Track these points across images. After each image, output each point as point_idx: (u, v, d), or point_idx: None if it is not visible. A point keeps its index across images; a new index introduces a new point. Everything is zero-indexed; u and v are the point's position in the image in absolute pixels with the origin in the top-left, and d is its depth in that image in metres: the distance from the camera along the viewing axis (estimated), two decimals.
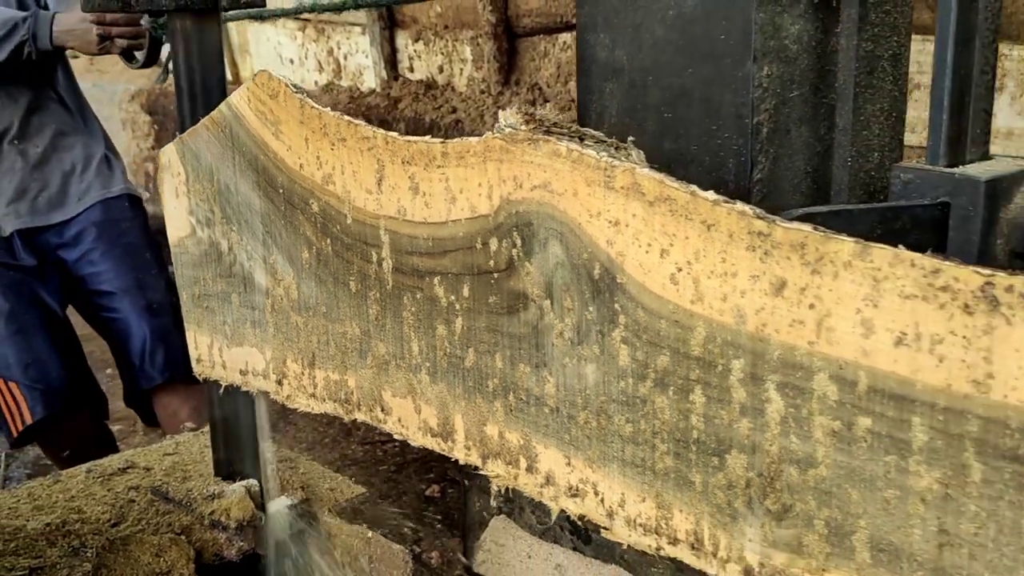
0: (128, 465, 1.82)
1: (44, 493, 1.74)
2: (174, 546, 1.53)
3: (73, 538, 1.56)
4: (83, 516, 1.64)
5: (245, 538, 1.58)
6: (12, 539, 1.53)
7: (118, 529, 1.58)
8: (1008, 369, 0.71)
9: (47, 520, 1.62)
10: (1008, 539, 0.74)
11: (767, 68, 1.11)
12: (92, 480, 1.77)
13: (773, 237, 0.81)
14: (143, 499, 1.67)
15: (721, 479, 0.89)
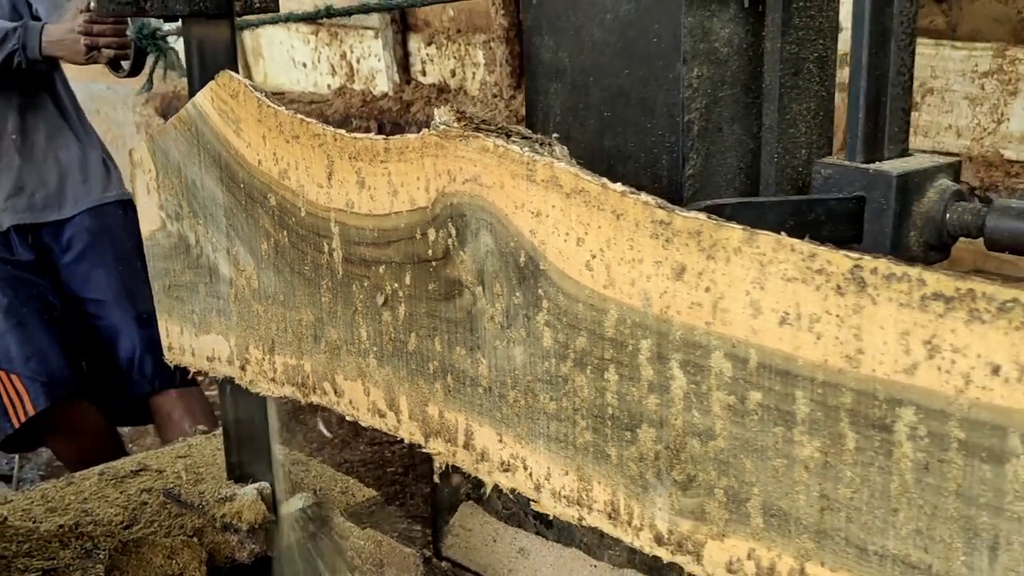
0: (141, 467, 1.84)
1: (57, 495, 1.76)
2: (186, 548, 1.55)
3: (86, 540, 1.58)
4: (96, 518, 1.66)
5: (257, 541, 1.59)
6: (26, 540, 1.56)
7: (130, 531, 1.61)
8: (875, 345, 0.78)
9: (60, 522, 1.65)
10: (879, 502, 0.80)
11: (697, 69, 1.18)
12: (105, 482, 1.79)
13: (673, 225, 0.88)
14: (155, 501, 1.69)
15: (633, 452, 0.96)
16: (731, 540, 0.91)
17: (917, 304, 0.75)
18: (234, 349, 1.41)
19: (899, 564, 0.81)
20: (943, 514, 0.77)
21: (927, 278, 0.74)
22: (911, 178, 1.12)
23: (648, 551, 0.98)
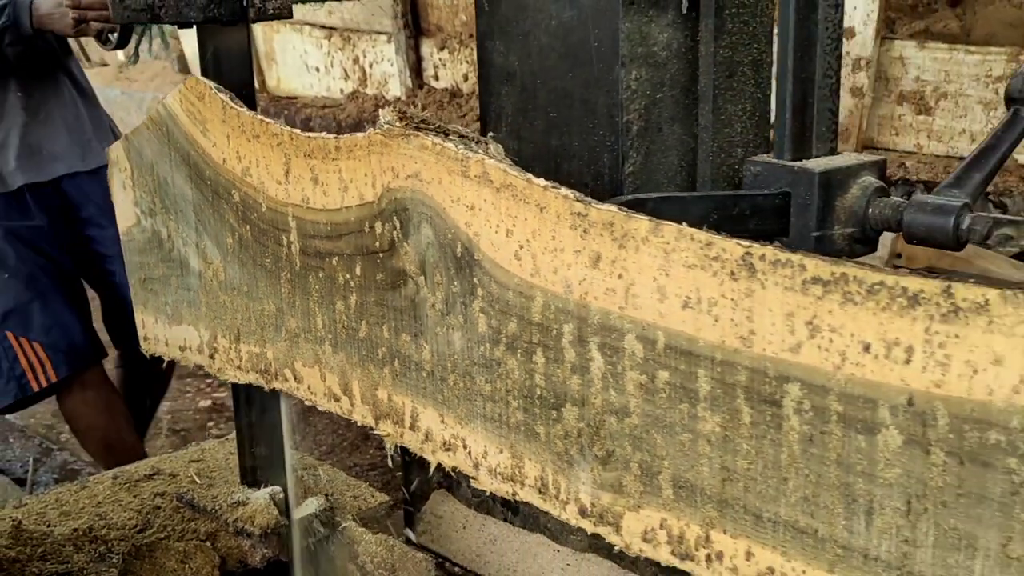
0: (154, 471, 1.85)
1: (71, 499, 1.76)
2: (199, 552, 1.56)
3: (99, 544, 1.58)
4: (109, 522, 1.66)
5: (269, 545, 1.59)
6: (40, 544, 1.56)
7: (144, 535, 1.61)
8: (764, 326, 0.84)
9: (74, 526, 1.65)
10: (771, 473, 0.87)
11: (635, 72, 1.24)
12: (118, 486, 1.79)
13: (590, 217, 0.94)
14: (169, 505, 1.69)
15: (559, 430, 1.02)
16: (646, 511, 0.97)
17: (799, 288, 0.81)
18: (203, 338, 1.48)
19: (790, 529, 0.87)
20: (826, 482, 0.84)
21: (807, 263, 0.80)
22: (834, 175, 1.18)
23: (574, 523, 1.04)
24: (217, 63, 1.42)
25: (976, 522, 0.76)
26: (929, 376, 0.75)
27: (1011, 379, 0.72)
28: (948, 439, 0.76)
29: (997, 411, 0.73)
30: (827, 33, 1.20)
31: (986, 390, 0.73)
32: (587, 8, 1.23)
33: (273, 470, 1.62)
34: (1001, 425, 0.73)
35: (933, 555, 0.79)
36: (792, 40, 1.17)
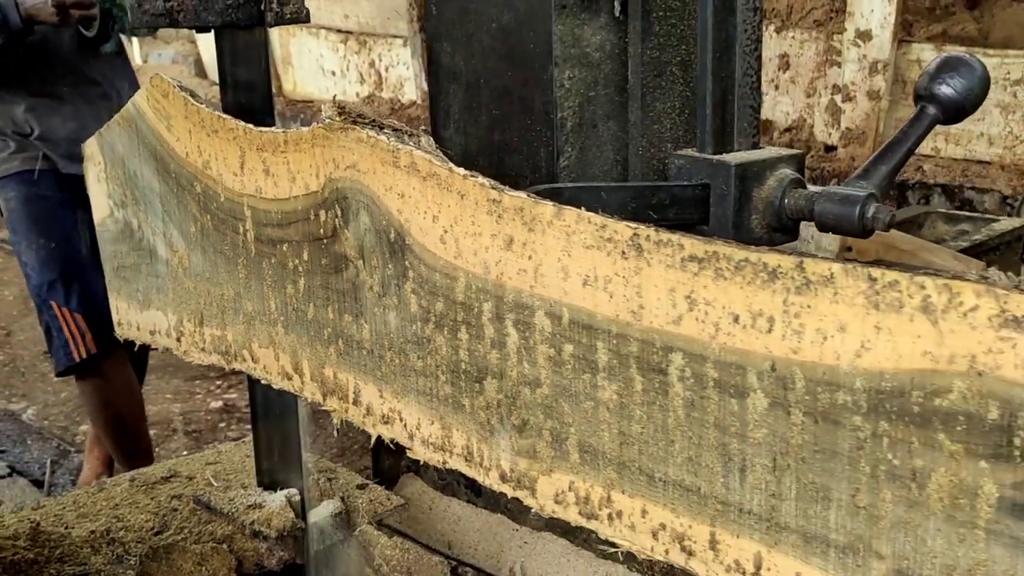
0: (171, 474, 1.87)
1: (89, 501, 1.79)
2: (216, 555, 1.57)
3: (117, 546, 1.60)
4: (126, 524, 1.68)
5: (285, 548, 1.61)
6: (57, 546, 1.58)
7: (161, 537, 1.62)
8: (651, 301, 0.92)
9: (91, 528, 1.67)
10: (660, 435, 0.95)
11: (568, 72, 1.32)
12: (136, 488, 1.81)
13: (503, 203, 1.03)
14: (185, 508, 1.71)
15: (481, 401, 1.11)
16: (556, 475, 1.06)
17: (679, 265, 0.89)
18: (171, 322, 1.56)
19: (678, 488, 0.95)
20: (706, 443, 0.92)
21: (685, 243, 0.89)
22: (750, 167, 1.26)
23: (496, 489, 1.12)
24: (235, 67, 1.44)
25: (830, 475, 0.84)
26: (787, 343, 0.84)
27: (854, 344, 0.80)
28: (805, 401, 0.84)
29: (843, 374, 0.81)
30: (746, 35, 1.28)
31: (834, 355, 0.81)
32: (523, 12, 1.32)
33: (289, 473, 1.63)
34: (847, 387, 0.81)
35: (796, 507, 0.87)
36: (710, 42, 1.25)
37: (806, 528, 0.86)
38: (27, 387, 4.51)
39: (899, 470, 0.79)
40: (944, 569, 0.79)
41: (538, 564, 1.81)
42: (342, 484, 1.74)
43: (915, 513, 0.79)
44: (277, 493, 1.63)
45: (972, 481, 0.75)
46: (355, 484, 1.75)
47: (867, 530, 0.82)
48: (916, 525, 0.79)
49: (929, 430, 0.77)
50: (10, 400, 4.34)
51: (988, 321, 0.72)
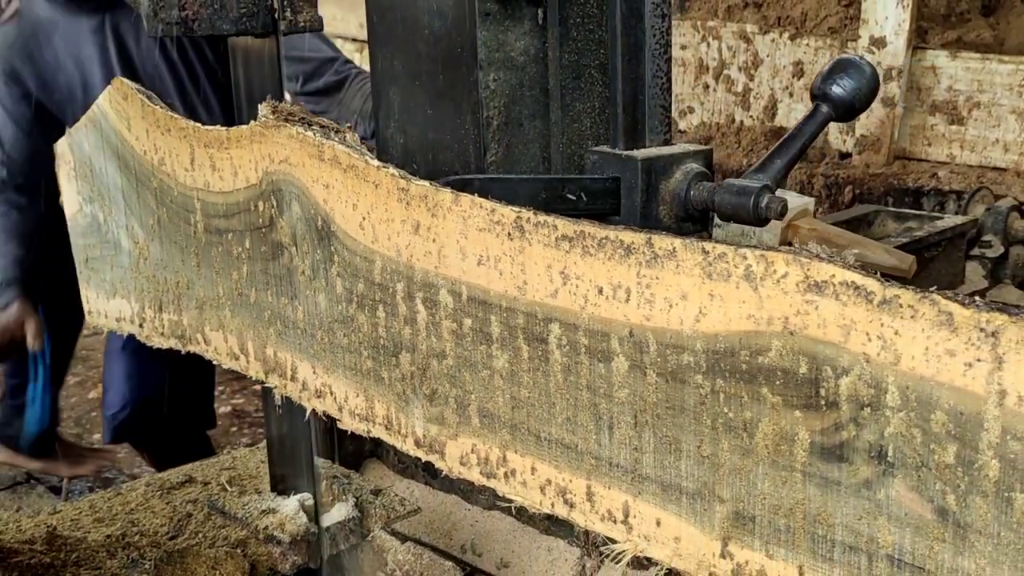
0: (187, 479, 1.88)
1: (105, 506, 1.79)
2: (229, 559, 1.57)
3: (132, 550, 1.61)
4: (142, 528, 1.69)
5: (299, 552, 1.61)
6: (73, 550, 1.58)
7: (175, 542, 1.63)
8: (533, 277, 1.03)
9: (107, 532, 1.68)
10: (544, 398, 1.05)
11: (493, 75, 1.43)
12: (151, 493, 1.82)
13: (410, 191, 1.13)
14: (200, 512, 1.72)
15: (398, 374, 1.21)
16: (461, 439, 1.16)
17: (554, 244, 1.00)
18: (134, 309, 1.67)
19: (560, 446, 1.05)
20: (581, 404, 1.02)
21: (558, 224, 0.99)
22: (656, 162, 1.37)
23: (412, 454, 1.23)
24: (248, 74, 1.46)
25: (679, 429, 0.94)
26: (641, 311, 0.94)
27: (693, 310, 0.90)
28: (657, 362, 0.94)
29: (686, 337, 0.91)
30: (655, 40, 1.38)
31: (679, 320, 0.91)
32: (451, 20, 1.42)
33: (302, 478, 1.66)
34: (690, 348, 0.91)
35: (654, 459, 0.97)
36: (620, 46, 1.35)
37: (663, 478, 0.97)
38: None
39: (733, 422, 0.90)
40: (772, 509, 0.89)
41: (487, 541, 1.91)
42: (356, 489, 1.76)
43: (747, 460, 0.89)
44: (290, 498, 1.65)
45: (790, 429, 0.86)
46: (369, 490, 1.77)
47: (710, 477, 0.93)
48: (748, 471, 0.90)
49: (755, 385, 0.87)
50: None
51: (796, 286, 0.83)
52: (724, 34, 5.30)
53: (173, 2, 1.37)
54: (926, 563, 0.80)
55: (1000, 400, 0.73)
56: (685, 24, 5.37)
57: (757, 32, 5.22)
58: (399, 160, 1.55)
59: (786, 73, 5.26)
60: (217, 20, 1.39)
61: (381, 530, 1.71)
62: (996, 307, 0.73)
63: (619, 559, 1.03)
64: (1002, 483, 0.74)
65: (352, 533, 1.65)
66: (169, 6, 1.37)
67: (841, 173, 4.84)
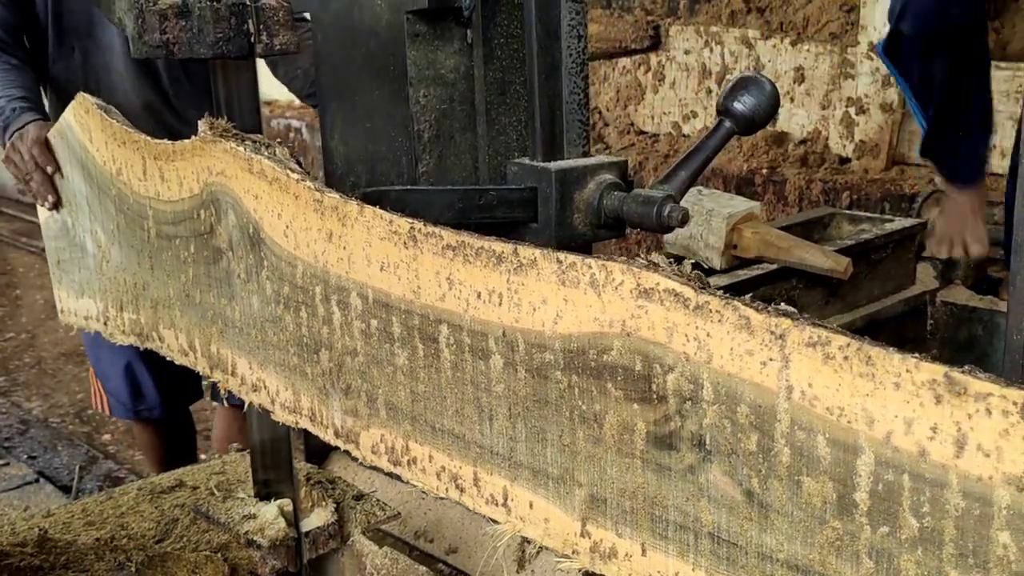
0: (177, 483, 1.91)
1: (96, 509, 1.83)
2: (209, 563, 1.59)
3: (119, 553, 1.63)
4: (130, 532, 1.73)
5: (278, 557, 1.64)
6: (63, 553, 1.61)
7: (162, 545, 1.68)
8: (426, 282, 1.13)
9: (97, 535, 1.72)
10: (437, 393, 1.15)
11: (424, 91, 1.53)
12: (142, 497, 1.86)
13: (324, 203, 1.24)
14: (186, 517, 1.76)
15: (318, 370, 1.32)
16: (372, 429, 1.27)
17: (441, 252, 1.10)
18: (99, 308, 1.79)
19: (450, 436, 1.16)
20: (466, 398, 1.12)
21: (444, 234, 1.09)
22: (570, 173, 1.47)
23: (331, 441, 1.33)
24: (228, 95, 1.51)
25: (545, 420, 1.04)
26: (512, 314, 1.04)
27: (552, 313, 1.00)
28: (525, 360, 1.04)
29: (547, 337, 1.01)
30: (571, 59, 1.48)
31: (541, 322, 1.01)
32: (384, 40, 1.53)
33: (283, 484, 1.71)
34: (550, 348, 1.01)
35: (526, 447, 1.07)
36: (537, 65, 1.46)
37: (533, 464, 1.07)
38: (52, 386, 4.71)
39: (587, 414, 1.00)
40: (619, 492, 0.99)
41: (438, 528, 2.02)
42: (338, 494, 1.79)
43: (598, 448, 1.00)
44: (271, 504, 1.70)
45: (630, 420, 0.96)
46: (352, 495, 1.81)
47: (570, 464, 1.03)
48: (599, 458, 1.00)
49: (602, 380, 0.97)
50: (30, 399, 4.55)
51: (630, 293, 0.93)
52: (727, 39, 5.38)
53: (155, 26, 1.45)
54: (739, 540, 0.90)
55: (788, 395, 0.83)
56: (688, 30, 5.46)
57: (759, 37, 5.29)
58: (342, 169, 1.65)
59: (787, 79, 5.32)
60: (195, 44, 1.46)
61: (361, 535, 1.74)
62: (783, 312, 0.83)
63: (501, 537, 1.13)
64: (793, 468, 0.84)
65: (332, 538, 1.70)
66: (151, 30, 1.45)
67: (839, 179, 4.89)
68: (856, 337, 0.79)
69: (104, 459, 3.84)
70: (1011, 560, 0.73)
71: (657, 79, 5.50)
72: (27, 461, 3.75)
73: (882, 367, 0.77)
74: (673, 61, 5.43)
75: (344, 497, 1.75)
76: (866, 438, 0.79)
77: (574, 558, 1.06)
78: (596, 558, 1.03)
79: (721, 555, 0.92)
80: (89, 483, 3.72)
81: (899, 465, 0.77)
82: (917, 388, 0.75)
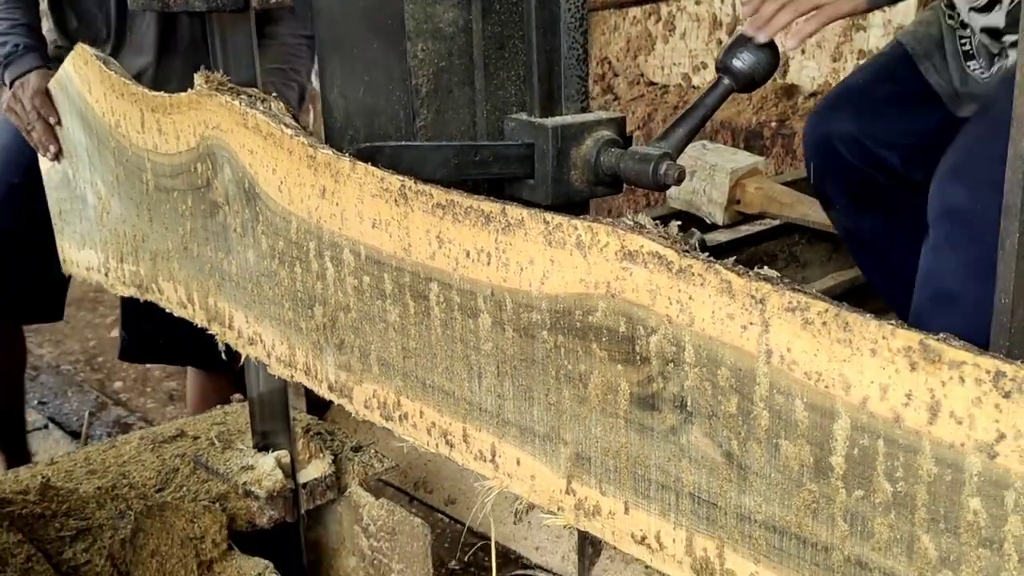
0: (179, 433, 1.93)
1: (99, 457, 1.85)
2: (207, 513, 1.62)
3: (120, 501, 1.67)
4: (131, 481, 1.75)
5: (276, 507, 1.67)
6: (65, 501, 1.65)
7: (162, 494, 1.71)
8: (416, 240, 1.13)
9: (99, 483, 1.74)
10: (427, 350, 1.16)
11: (422, 44, 1.52)
12: (144, 446, 1.88)
13: (317, 159, 1.24)
14: (187, 467, 1.78)
15: (312, 324, 1.33)
16: (365, 384, 1.28)
17: (431, 211, 1.10)
18: (100, 260, 1.80)
19: (440, 392, 1.17)
20: (456, 355, 1.13)
21: (434, 192, 1.10)
22: (568, 129, 1.46)
23: (325, 395, 1.35)
24: (224, 48, 1.51)
25: (532, 379, 1.05)
26: (500, 274, 1.05)
27: (539, 274, 1.00)
28: (513, 319, 1.05)
29: (534, 297, 1.02)
30: (570, 14, 1.47)
31: (528, 282, 1.02)
32: None
33: (281, 435, 1.73)
34: (537, 308, 1.02)
35: (513, 405, 1.08)
36: (535, 19, 1.44)
37: (520, 422, 1.08)
38: (64, 332, 4.72)
39: (572, 373, 1.00)
40: (603, 451, 1.00)
41: (437, 479, 2.04)
42: (336, 446, 1.81)
43: (583, 407, 1.01)
44: (268, 455, 1.72)
45: (614, 381, 0.96)
46: (350, 446, 1.82)
47: (556, 422, 1.04)
48: (584, 417, 1.01)
49: (587, 341, 0.98)
50: (41, 345, 4.57)
51: (615, 255, 0.93)
52: None
53: None
54: (718, 500, 0.91)
55: (768, 359, 0.83)
56: None
57: None
58: (341, 122, 1.64)
59: None
60: None
61: (358, 486, 1.76)
62: (763, 277, 0.83)
63: (489, 493, 1.15)
64: (771, 431, 0.85)
65: (329, 489, 1.72)
66: None
67: None
68: (834, 303, 0.79)
69: (114, 406, 3.85)
70: (981, 526, 0.74)
71: (667, 29, 5.44)
72: (37, 407, 3.77)
73: (859, 333, 0.77)
74: (684, 11, 5.37)
75: (342, 449, 1.78)
76: (843, 403, 0.79)
77: (559, 515, 1.07)
78: (581, 515, 1.05)
79: (701, 515, 0.93)
80: (99, 429, 3.69)
81: (874, 430, 0.78)
82: (893, 355, 0.75)
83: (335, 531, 1.77)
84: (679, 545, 0.96)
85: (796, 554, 0.86)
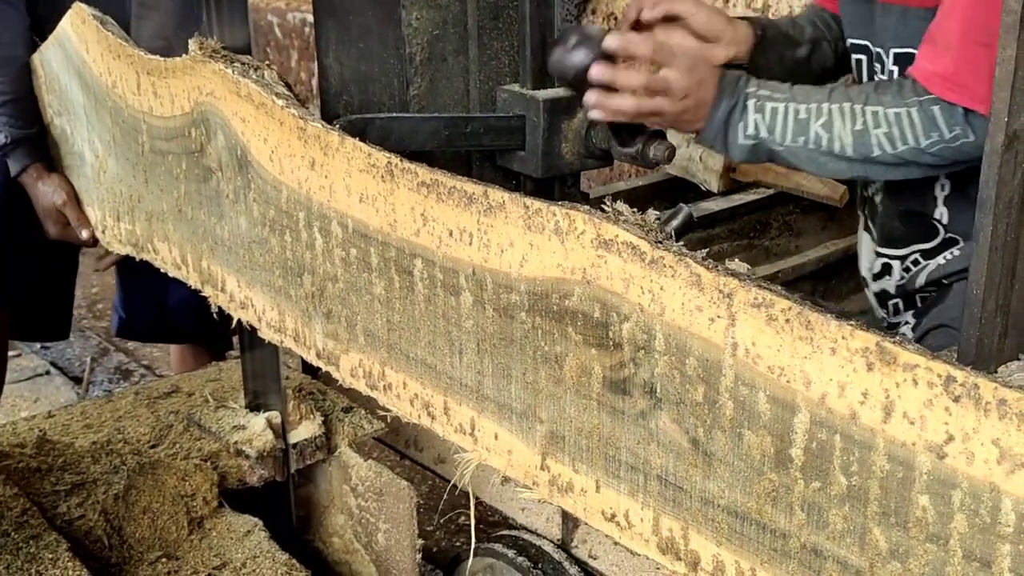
0: (173, 389, 1.93)
1: (95, 412, 1.85)
2: (199, 472, 1.63)
3: (115, 456, 1.67)
4: (126, 436, 1.75)
5: (266, 466, 1.68)
6: (61, 455, 1.66)
7: (156, 451, 1.71)
8: (401, 216, 1.15)
9: (94, 438, 1.74)
10: (411, 323, 1.19)
11: (416, 13, 1.53)
12: (139, 402, 1.88)
13: (307, 131, 1.25)
14: (180, 423, 1.78)
15: (302, 292, 1.35)
16: (351, 354, 1.30)
17: (416, 188, 1.12)
18: (98, 217, 1.82)
19: (423, 365, 1.19)
20: (438, 331, 1.15)
21: (419, 171, 1.11)
22: (559, 102, 1.47)
23: (313, 362, 1.38)
24: (220, 15, 1.50)
25: (510, 358, 1.07)
26: (481, 254, 1.07)
27: (519, 256, 1.02)
28: (493, 299, 1.07)
29: (514, 279, 1.04)
30: None
31: (508, 264, 1.04)
32: None
33: (272, 396, 1.74)
34: (516, 289, 1.04)
35: (492, 382, 1.11)
36: None
37: (499, 398, 1.10)
38: None
39: (548, 354, 1.03)
40: (576, 431, 1.03)
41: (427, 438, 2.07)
42: (328, 406, 1.82)
43: (559, 388, 1.03)
44: (259, 415, 1.74)
45: (588, 364, 0.99)
46: (341, 407, 1.83)
47: (532, 400, 1.06)
48: (559, 397, 1.03)
49: (563, 324, 1.00)
50: None
51: (591, 242, 0.95)
52: None
53: None
54: (684, 484, 0.94)
55: (733, 351, 0.85)
56: None
57: None
58: (337, 88, 1.66)
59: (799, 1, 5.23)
60: None
61: (348, 447, 1.77)
62: (731, 272, 0.85)
63: (468, 466, 1.18)
64: (735, 420, 0.87)
65: (319, 449, 1.74)
66: None
67: None
68: (799, 301, 0.81)
69: (116, 352, 3.86)
70: (929, 522, 0.76)
71: None
72: (39, 352, 3.80)
73: (820, 332, 0.79)
74: None
75: (333, 409, 1.80)
76: (803, 398, 0.82)
77: (534, 489, 1.10)
78: (554, 491, 1.08)
79: (668, 497, 0.96)
80: (100, 375, 3.73)
81: (832, 426, 0.80)
82: (851, 355, 0.77)
83: (325, 489, 1.80)
84: (646, 524, 0.99)
85: (756, 539, 0.89)
